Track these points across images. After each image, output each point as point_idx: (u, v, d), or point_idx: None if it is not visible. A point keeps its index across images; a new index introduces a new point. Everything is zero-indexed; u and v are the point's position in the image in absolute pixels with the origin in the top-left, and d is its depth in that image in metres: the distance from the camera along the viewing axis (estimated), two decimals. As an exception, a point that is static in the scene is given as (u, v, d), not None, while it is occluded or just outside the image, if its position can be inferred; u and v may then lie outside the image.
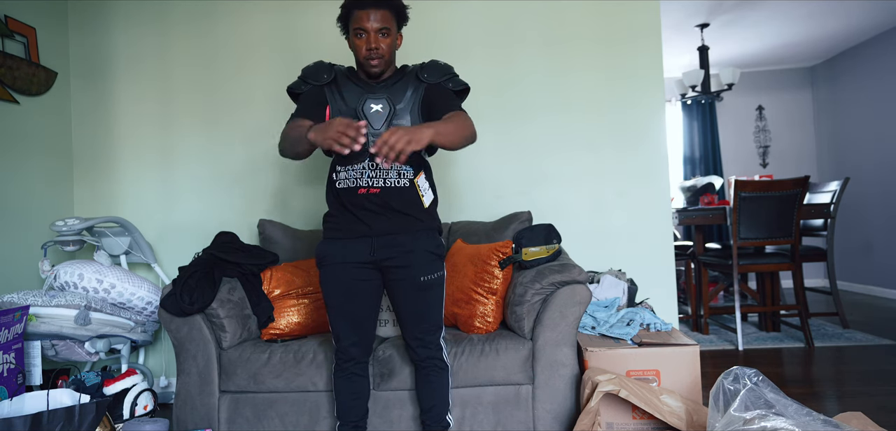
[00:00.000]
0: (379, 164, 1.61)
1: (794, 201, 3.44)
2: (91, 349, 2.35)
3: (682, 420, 1.79)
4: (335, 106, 1.75)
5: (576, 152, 2.82)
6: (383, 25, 1.67)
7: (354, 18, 1.68)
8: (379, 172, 1.68)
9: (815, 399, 2.53)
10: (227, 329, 2.08)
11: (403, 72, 1.80)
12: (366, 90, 1.74)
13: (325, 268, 1.75)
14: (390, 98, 1.73)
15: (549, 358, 1.97)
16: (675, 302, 2.78)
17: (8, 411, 1.66)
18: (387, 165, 1.44)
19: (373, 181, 1.68)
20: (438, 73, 1.80)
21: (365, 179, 1.68)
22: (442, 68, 1.82)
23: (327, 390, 2.02)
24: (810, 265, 5.83)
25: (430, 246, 1.76)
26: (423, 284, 1.73)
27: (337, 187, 1.72)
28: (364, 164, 1.69)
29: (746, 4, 4.38)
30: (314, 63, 1.84)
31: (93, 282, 2.31)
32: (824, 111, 6.03)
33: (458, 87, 1.82)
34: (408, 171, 1.72)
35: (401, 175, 1.71)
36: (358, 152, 1.61)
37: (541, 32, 2.83)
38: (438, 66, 1.82)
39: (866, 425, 1.66)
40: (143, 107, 2.97)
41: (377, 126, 1.70)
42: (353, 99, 1.73)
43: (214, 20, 2.95)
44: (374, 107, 1.71)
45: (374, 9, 1.66)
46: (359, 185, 1.68)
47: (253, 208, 2.91)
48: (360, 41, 1.68)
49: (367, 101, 1.72)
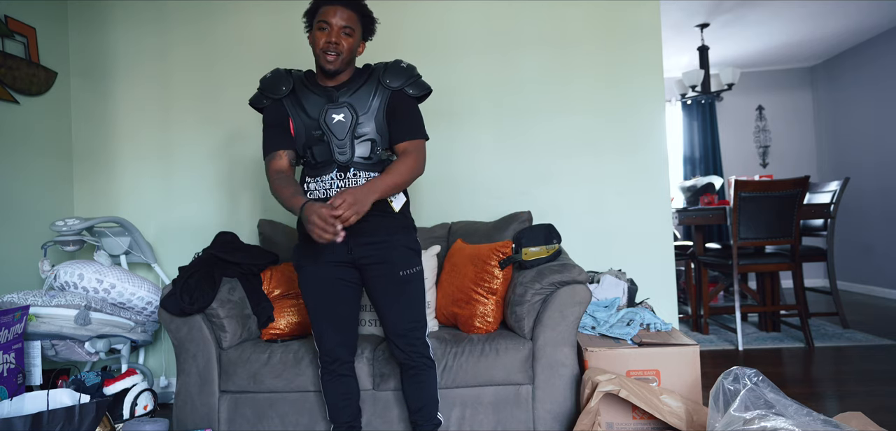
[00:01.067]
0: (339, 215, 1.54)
1: (794, 201, 3.44)
2: (91, 349, 2.35)
3: (682, 420, 1.79)
4: (297, 119, 1.73)
5: (576, 152, 2.82)
6: (347, 24, 1.66)
7: (320, 12, 1.67)
8: (346, 182, 1.69)
9: (815, 399, 2.53)
10: (227, 329, 2.08)
11: (366, 73, 1.76)
12: (326, 99, 1.71)
13: (302, 271, 1.75)
14: (352, 106, 1.70)
15: (549, 358, 1.97)
16: (675, 302, 2.78)
17: (8, 411, 1.66)
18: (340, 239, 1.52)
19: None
20: (401, 77, 1.75)
21: (334, 189, 1.69)
22: (404, 71, 1.77)
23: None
24: (810, 265, 5.82)
25: (407, 241, 1.77)
26: (403, 278, 1.74)
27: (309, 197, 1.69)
28: (332, 175, 1.69)
29: (746, 4, 4.38)
30: (271, 73, 1.80)
31: (93, 282, 2.31)
32: (824, 111, 6.03)
33: (420, 92, 1.79)
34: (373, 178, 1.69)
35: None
36: (325, 162, 1.69)
37: (541, 32, 2.83)
38: (401, 69, 1.77)
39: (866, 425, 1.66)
40: (143, 107, 2.97)
41: (340, 136, 1.68)
42: (315, 110, 1.71)
43: (214, 20, 2.95)
44: (336, 117, 1.69)
45: (341, 6, 1.66)
46: (328, 195, 1.69)
47: (253, 208, 2.91)
48: (321, 33, 1.66)
49: (329, 112, 1.69)
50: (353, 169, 1.70)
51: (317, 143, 1.70)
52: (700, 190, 4.41)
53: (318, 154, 1.70)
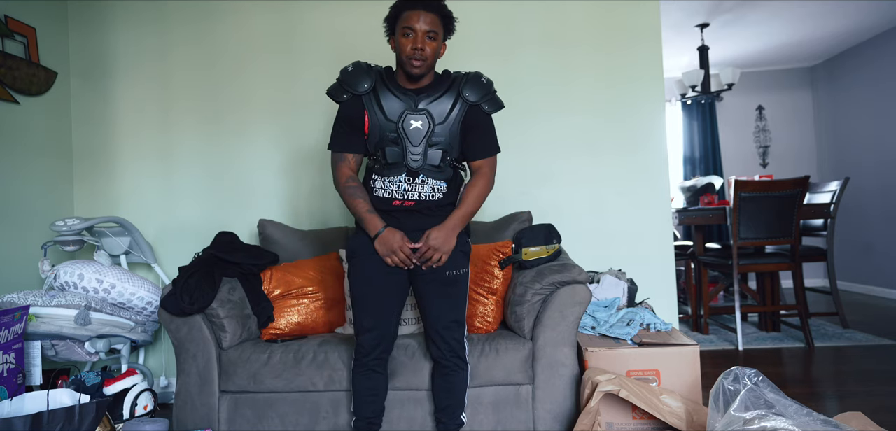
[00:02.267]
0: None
1: (794, 201, 3.44)
2: (91, 349, 2.35)
3: (682, 420, 1.79)
4: (374, 118, 1.75)
5: (576, 152, 2.82)
6: (432, 29, 1.69)
7: (404, 17, 1.70)
8: (414, 186, 1.76)
9: (815, 399, 2.53)
10: (227, 329, 2.08)
11: (445, 81, 1.81)
12: (407, 104, 1.74)
13: (354, 260, 1.80)
14: (430, 114, 1.75)
15: (549, 358, 1.97)
16: (675, 302, 2.78)
17: (8, 411, 1.66)
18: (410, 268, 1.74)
19: (408, 194, 1.76)
20: (479, 92, 1.80)
21: (400, 192, 1.76)
22: (484, 86, 1.82)
23: (327, 390, 2.02)
24: (810, 265, 5.82)
25: (458, 243, 1.80)
26: (450, 279, 1.79)
27: (373, 194, 1.79)
28: (401, 178, 1.75)
29: (746, 4, 4.38)
30: (353, 66, 1.80)
31: (93, 282, 2.31)
32: (824, 111, 6.03)
33: (495, 108, 1.84)
34: (441, 186, 1.79)
35: (435, 190, 1.78)
36: (396, 164, 1.75)
37: (541, 32, 2.83)
38: (481, 84, 1.82)
39: (866, 425, 1.66)
40: (143, 107, 2.97)
41: (416, 142, 1.74)
42: (394, 112, 1.74)
43: (214, 20, 2.95)
44: (414, 123, 1.74)
45: (425, 11, 1.68)
46: (394, 197, 1.76)
47: (253, 208, 2.91)
48: (407, 40, 1.69)
49: (408, 117, 1.73)
50: (423, 175, 1.76)
51: (390, 145, 1.74)
52: (700, 190, 4.41)
53: (390, 155, 1.74)
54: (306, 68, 2.90)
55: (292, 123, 2.91)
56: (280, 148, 2.90)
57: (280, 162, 2.90)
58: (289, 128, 2.91)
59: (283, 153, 2.90)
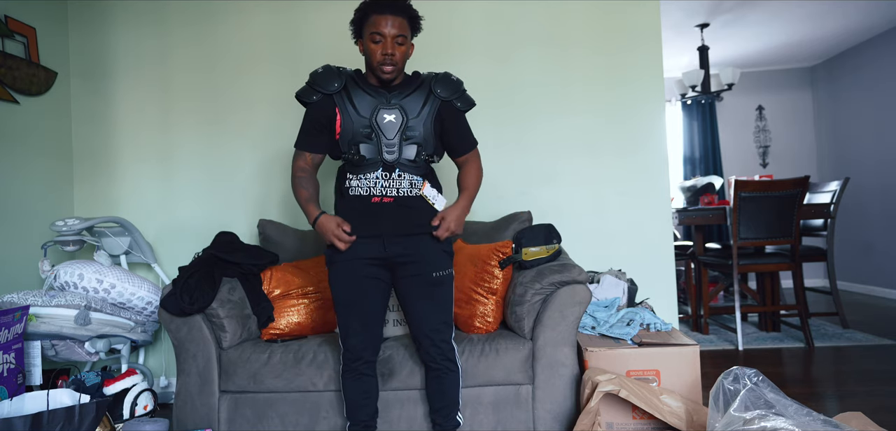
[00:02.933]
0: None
1: (794, 201, 3.44)
2: (91, 349, 2.35)
3: (682, 420, 1.79)
4: (346, 116, 1.75)
5: (576, 152, 2.82)
6: (400, 33, 1.69)
7: (371, 23, 1.69)
8: (391, 181, 1.75)
9: (815, 399, 2.53)
10: (227, 329, 2.08)
11: (416, 80, 1.82)
12: (378, 99, 1.76)
13: (335, 265, 1.78)
14: (404, 108, 1.76)
15: (549, 358, 1.97)
16: (675, 302, 2.78)
17: (8, 411, 1.66)
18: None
19: (386, 190, 1.75)
20: (450, 89, 1.82)
21: (379, 188, 1.75)
22: (454, 84, 1.84)
23: (327, 390, 2.02)
24: (810, 265, 5.82)
25: (443, 243, 1.81)
26: (435, 280, 1.78)
27: (349, 194, 1.77)
28: (377, 173, 1.74)
29: (746, 4, 4.38)
30: (323, 68, 1.81)
31: (93, 282, 2.31)
32: (824, 111, 6.02)
33: (467, 107, 1.86)
34: (418, 182, 1.79)
35: (412, 185, 1.78)
36: (370, 160, 1.74)
37: (541, 32, 2.83)
38: (451, 82, 1.84)
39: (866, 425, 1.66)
40: (143, 107, 2.97)
41: (390, 136, 1.74)
42: (366, 108, 1.75)
43: (215, 20, 2.95)
44: (387, 117, 1.74)
45: (392, 15, 1.68)
46: (372, 194, 1.75)
47: (253, 208, 2.91)
48: (376, 46, 1.69)
49: (380, 112, 1.74)
50: (399, 169, 1.76)
51: (364, 141, 1.74)
52: (700, 190, 4.41)
53: (365, 151, 1.74)
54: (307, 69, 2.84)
55: (292, 124, 2.90)
56: (280, 148, 2.90)
57: (280, 162, 2.90)
58: (289, 129, 2.90)
59: (284, 153, 2.90)
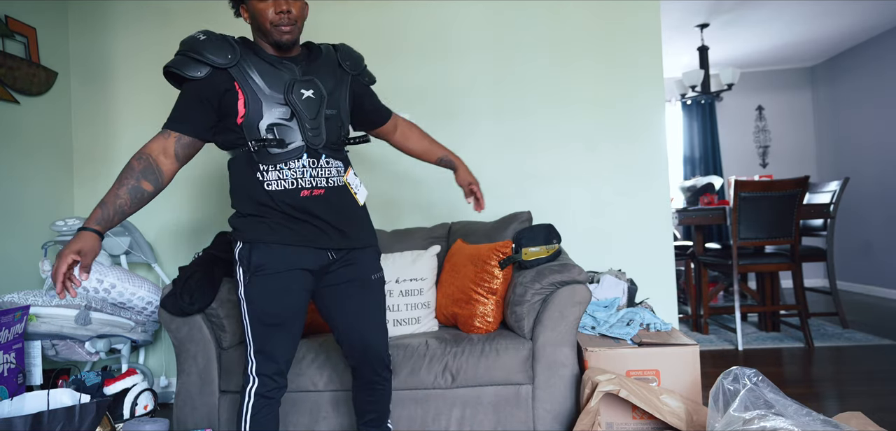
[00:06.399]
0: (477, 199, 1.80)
1: (793, 201, 3.44)
2: (91, 349, 2.36)
3: (682, 420, 1.79)
4: (251, 95, 1.41)
5: (576, 152, 2.82)
6: None
7: None
8: (319, 170, 1.47)
9: (814, 399, 2.53)
10: (228, 329, 2.08)
11: (317, 50, 1.56)
12: (288, 72, 1.45)
13: (263, 277, 1.45)
14: (317, 83, 1.48)
15: (549, 358, 1.97)
16: (675, 302, 2.78)
17: (8, 411, 1.66)
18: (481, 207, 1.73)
19: (316, 181, 1.46)
20: (355, 63, 1.62)
21: (307, 179, 1.45)
22: (358, 58, 1.64)
23: (327, 390, 2.02)
24: (810, 265, 5.83)
25: (373, 240, 1.64)
26: (374, 282, 1.59)
27: (266, 190, 1.44)
28: (303, 161, 1.44)
29: (746, 4, 4.38)
30: (205, 33, 1.44)
31: (93, 282, 2.31)
32: (824, 111, 6.03)
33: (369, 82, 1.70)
34: (342, 168, 1.54)
35: (338, 173, 1.52)
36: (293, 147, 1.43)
37: (541, 33, 2.83)
38: (353, 54, 1.63)
39: (866, 425, 1.66)
40: (143, 107, 2.97)
41: (311, 115, 1.44)
42: (276, 84, 1.43)
43: (215, 21, 2.94)
44: (305, 93, 1.44)
45: None
46: (301, 186, 1.44)
47: (253, 208, 2.91)
48: (266, 4, 1.40)
49: (297, 88, 1.43)
50: (325, 154, 1.49)
51: (283, 123, 1.43)
52: (700, 190, 4.41)
53: (285, 135, 1.43)
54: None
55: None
56: (280, 148, 2.90)
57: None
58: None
59: (284, 153, 2.90)
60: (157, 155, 1.42)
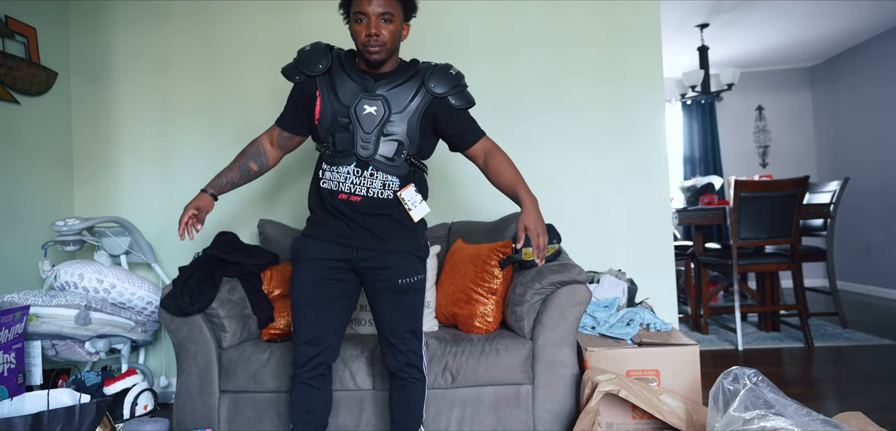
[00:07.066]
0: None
1: (793, 201, 3.44)
2: (91, 349, 2.36)
3: (681, 420, 1.79)
4: (326, 101, 1.63)
5: (576, 152, 2.82)
6: (386, 11, 1.55)
7: (354, 2, 1.57)
8: (362, 179, 1.61)
9: (814, 399, 2.53)
10: (227, 329, 2.09)
11: (410, 69, 1.67)
12: (362, 88, 1.61)
13: (299, 264, 1.67)
14: (387, 100, 1.61)
15: (549, 357, 1.97)
16: (675, 302, 2.78)
17: (8, 411, 1.66)
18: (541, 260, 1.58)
19: (355, 188, 1.61)
20: (447, 84, 1.66)
21: (348, 185, 1.61)
22: (452, 78, 1.67)
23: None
24: (810, 265, 5.82)
25: (411, 246, 1.68)
26: (402, 287, 1.66)
27: (321, 186, 1.66)
28: (349, 168, 1.61)
29: (746, 4, 4.38)
30: (311, 46, 1.70)
31: (93, 282, 2.31)
32: (824, 111, 6.03)
33: (463, 104, 1.69)
34: (393, 183, 1.63)
35: (386, 186, 1.63)
36: (345, 153, 1.60)
37: (540, 32, 2.83)
38: (449, 75, 1.67)
39: (866, 425, 1.66)
40: (143, 107, 2.97)
41: (368, 129, 1.59)
42: (348, 96, 1.61)
43: (215, 20, 2.95)
44: (367, 108, 1.59)
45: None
46: (340, 190, 1.62)
47: (253, 208, 2.91)
48: (360, 26, 1.56)
49: (361, 102, 1.59)
50: (373, 166, 1.61)
51: (341, 131, 1.60)
52: (700, 190, 4.41)
53: (339, 142, 1.60)
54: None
55: (292, 123, 2.91)
56: (280, 148, 2.90)
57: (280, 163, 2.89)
58: (289, 128, 2.91)
59: (283, 153, 2.90)
60: (264, 143, 1.82)
